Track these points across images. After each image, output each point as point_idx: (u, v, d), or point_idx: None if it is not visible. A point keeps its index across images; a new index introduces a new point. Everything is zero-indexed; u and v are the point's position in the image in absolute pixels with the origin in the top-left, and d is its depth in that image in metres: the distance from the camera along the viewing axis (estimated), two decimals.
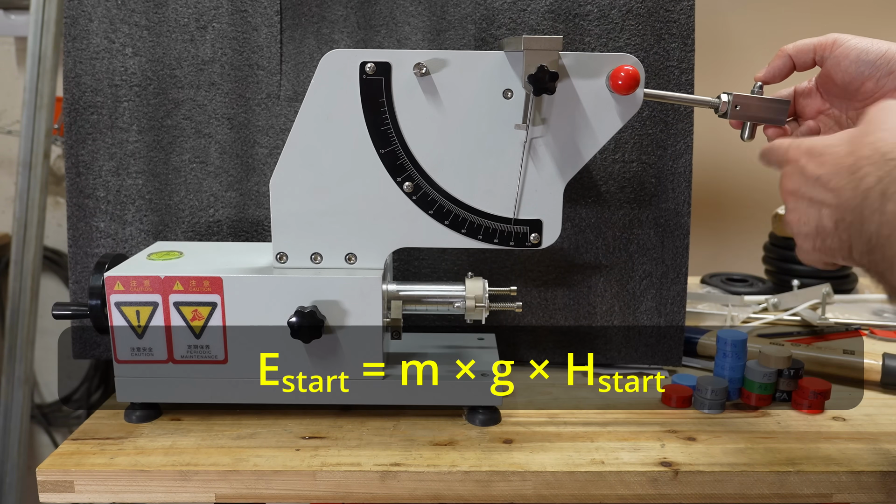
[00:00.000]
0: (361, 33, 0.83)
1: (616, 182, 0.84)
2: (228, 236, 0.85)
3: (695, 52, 0.82)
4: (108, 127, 0.83)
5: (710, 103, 0.68)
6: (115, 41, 0.82)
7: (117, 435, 0.69)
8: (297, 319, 0.66)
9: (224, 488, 0.64)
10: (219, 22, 0.82)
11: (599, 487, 0.64)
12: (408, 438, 0.69)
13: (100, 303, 0.69)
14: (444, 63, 0.66)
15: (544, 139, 0.67)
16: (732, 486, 0.64)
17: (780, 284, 1.20)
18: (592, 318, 0.86)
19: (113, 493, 0.64)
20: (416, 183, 0.68)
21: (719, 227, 1.48)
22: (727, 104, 0.67)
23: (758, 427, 0.73)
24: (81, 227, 0.84)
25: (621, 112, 0.67)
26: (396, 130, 0.67)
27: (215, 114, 0.83)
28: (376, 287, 0.68)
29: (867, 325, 1.03)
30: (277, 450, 0.67)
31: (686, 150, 0.83)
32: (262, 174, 0.84)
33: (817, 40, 0.64)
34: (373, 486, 0.64)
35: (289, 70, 0.83)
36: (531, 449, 0.68)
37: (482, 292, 0.72)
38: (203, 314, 0.68)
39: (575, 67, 0.65)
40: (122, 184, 0.84)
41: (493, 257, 0.86)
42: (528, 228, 0.69)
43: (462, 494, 0.64)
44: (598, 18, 0.82)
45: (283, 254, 0.70)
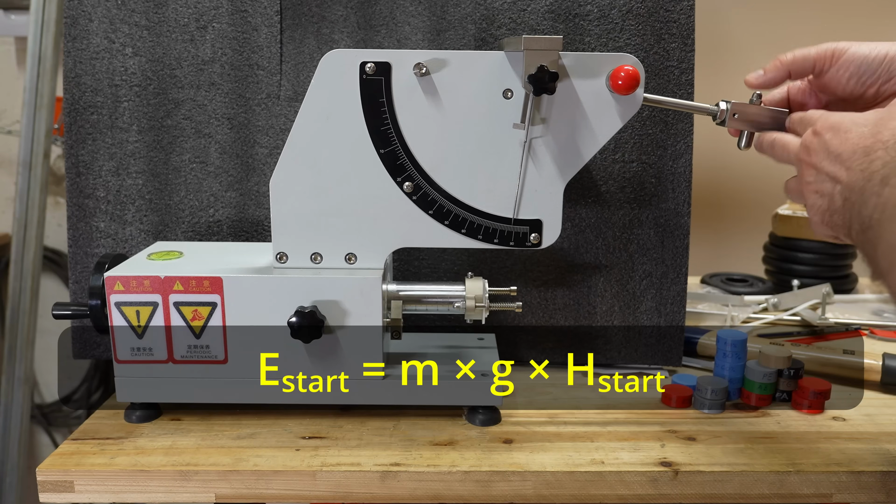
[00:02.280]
0: (361, 33, 0.83)
1: (616, 182, 0.84)
2: (228, 236, 0.85)
3: (695, 52, 0.82)
4: (108, 127, 0.83)
5: (708, 110, 0.68)
6: (115, 41, 0.82)
7: (117, 435, 0.69)
8: (297, 319, 0.66)
9: (224, 488, 0.64)
10: (219, 22, 0.82)
11: (599, 487, 0.64)
12: (408, 438, 0.69)
13: (100, 303, 0.69)
14: (444, 63, 0.66)
15: (544, 139, 0.67)
16: (732, 486, 0.64)
17: (780, 284, 1.20)
18: (592, 318, 0.86)
19: (113, 493, 0.64)
20: (416, 183, 0.68)
21: (719, 227, 1.48)
22: (725, 112, 0.67)
23: (758, 427, 0.73)
24: (81, 227, 0.84)
25: (621, 112, 0.67)
26: (396, 130, 0.67)
27: (215, 114, 0.83)
28: (376, 287, 0.68)
29: (867, 325, 1.03)
30: (277, 450, 0.67)
31: (686, 150, 0.83)
32: (262, 174, 0.84)
33: (816, 52, 0.63)
34: (373, 486, 0.64)
35: (289, 70, 0.83)
36: (531, 449, 0.68)
37: (482, 292, 0.72)
38: (203, 314, 0.68)
39: (575, 67, 0.65)
40: (122, 184, 0.84)
41: (493, 257, 0.86)
42: (528, 228, 0.69)
43: (462, 494, 0.64)
44: (598, 18, 0.82)
45: (283, 254, 0.70)
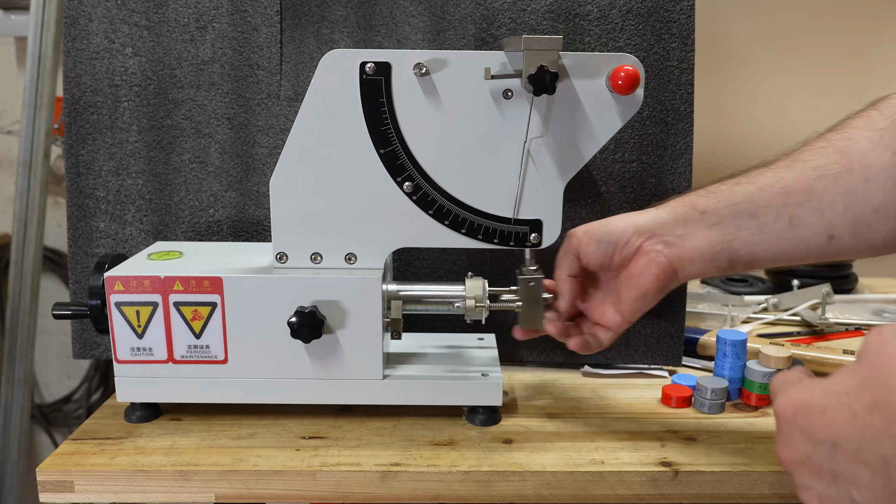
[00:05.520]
0: (361, 33, 0.83)
1: (616, 182, 0.84)
2: (228, 236, 0.85)
3: (695, 52, 0.82)
4: (108, 127, 0.83)
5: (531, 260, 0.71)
6: (115, 41, 0.82)
7: (117, 435, 0.69)
8: (297, 319, 0.66)
9: (224, 488, 0.64)
10: (219, 22, 0.82)
11: (599, 487, 0.64)
12: (408, 438, 0.69)
13: (100, 303, 0.69)
14: (444, 63, 0.66)
15: (544, 139, 0.67)
16: (732, 486, 0.64)
17: (780, 284, 1.20)
18: None
19: (113, 493, 0.64)
20: (416, 183, 0.68)
21: None
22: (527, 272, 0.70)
23: (758, 427, 0.73)
24: (81, 227, 0.84)
25: (621, 112, 0.67)
26: (396, 130, 0.67)
27: (215, 114, 0.83)
28: (376, 287, 0.68)
29: (867, 325, 1.03)
30: (277, 450, 0.67)
31: (686, 150, 0.83)
32: (262, 174, 0.84)
33: (566, 247, 0.69)
34: (373, 486, 0.64)
35: (289, 70, 0.83)
36: (531, 449, 0.68)
37: (482, 292, 0.72)
38: (203, 314, 0.68)
39: (575, 67, 0.65)
40: (122, 184, 0.84)
41: (493, 257, 0.86)
42: (528, 228, 0.69)
43: (462, 494, 0.64)
44: (598, 18, 0.82)
45: (283, 254, 0.70)
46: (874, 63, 1.36)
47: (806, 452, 0.41)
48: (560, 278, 0.70)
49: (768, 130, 1.38)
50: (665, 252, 0.63)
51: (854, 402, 0.38)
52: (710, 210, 0.62)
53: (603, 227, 0.66)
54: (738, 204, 0.61)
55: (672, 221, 0.64)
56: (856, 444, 0.38)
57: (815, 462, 0.40)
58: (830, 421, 0.39)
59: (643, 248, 0.64)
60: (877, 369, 0.38)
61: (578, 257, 0.68)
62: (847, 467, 0.38)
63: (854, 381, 0.39)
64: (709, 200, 0.62)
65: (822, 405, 0.40)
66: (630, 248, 0.65)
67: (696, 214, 0.63)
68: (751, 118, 1.38)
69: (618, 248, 0.65)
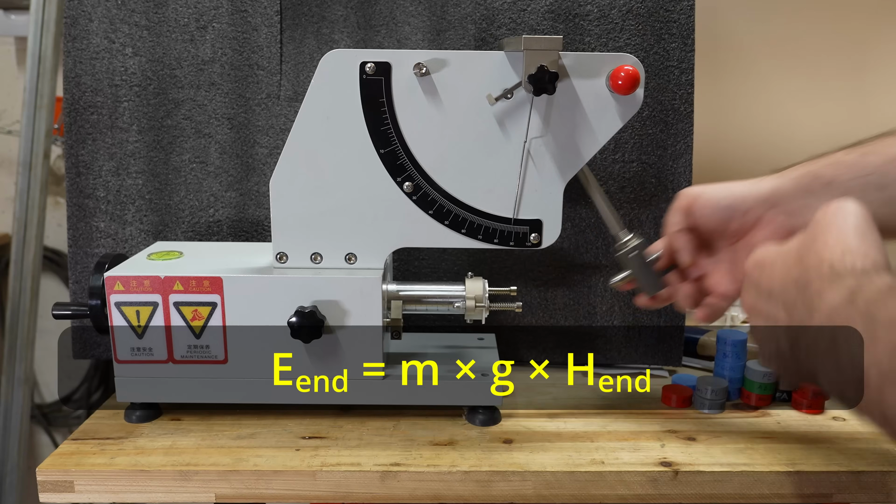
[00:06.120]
0: (361, 33, 0.83)
1: (616, 182, 0.84)
2: (228, 236, 0.85)
3: (695, 52, 0.82)
4: (108, 127, 0.83)
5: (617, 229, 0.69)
6: (115, 41, 0.82)
7: (117, 435, 0.69)
8: (297, 319, 0.66)
9: (224, 488, 0.64)
10: (219, 22, 0.82)
11: (599, 487, 0.64)
12: (408, 438, 0.69)
13: (100, 303, 0.69)
14: (444, 63, 0.66)
15: (544, 139, 0.67)
16: (732, 486, 0.64)
17: None
18: (592, 318, 0.86)
19: (113, 493, 0.64)
20: (416, 183, 0.68)
21: None
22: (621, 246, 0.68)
23: (758, 427, 0.73)
24: (81, 227, 0.84)
25: (621, 112, 0.67)
26: (396, 130, 0.67)
27: (215, 114, 0.83)
28: (376, 287, 0.68)
29: None
30: (277, 450, 0.67)
31: (686, 150, 0.83)
32: (262, 174, 0.84)
33: (676, 207, 0.66)
34: (373, 486, 0.64)
35: (289, 70, 0.83)
36: (531, 449, 0.68)
37: (482, 292, 0.72)
38: (203, 314, 0.68)
39: (575, 67, 0.65)
40: (122, 184, 0.84)
41: (493, 257, 0.86)
42: (528, 228, 0.69)
43: (462, 494, 0.64)
44: (598, 18, 0.82)
45: (283, 254, 0.70)
46: (875, 63, 1.36)
47: (755, 300, 0.51)
48: (673, 235, 0.67)
49: (769, 130, 1.37)
50: (787, 224, 0.61)
51: (787, 259, 0.48)
52: (836, 181, 0.59)
53: (722, 192, 0.64)
54: (868, 176, 0.58)
55: (795, 192, 0.61)
56: (782, 292, 0.48)
57: (758, 308, 0.51)
58: (771, 274, 0.49)
59: (765, 219, 0.62)
60: (810, 232, 0.47)
61: (693, 218, 0.65)
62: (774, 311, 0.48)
63: (795, 242, 0.49)
64: (836, 171, 0.60)
65: (771, 261, 0.50)
66: (750, 216, 0.63)
67: (819, 185, 0.60)
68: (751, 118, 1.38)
69: (737, 215, 0.63)
